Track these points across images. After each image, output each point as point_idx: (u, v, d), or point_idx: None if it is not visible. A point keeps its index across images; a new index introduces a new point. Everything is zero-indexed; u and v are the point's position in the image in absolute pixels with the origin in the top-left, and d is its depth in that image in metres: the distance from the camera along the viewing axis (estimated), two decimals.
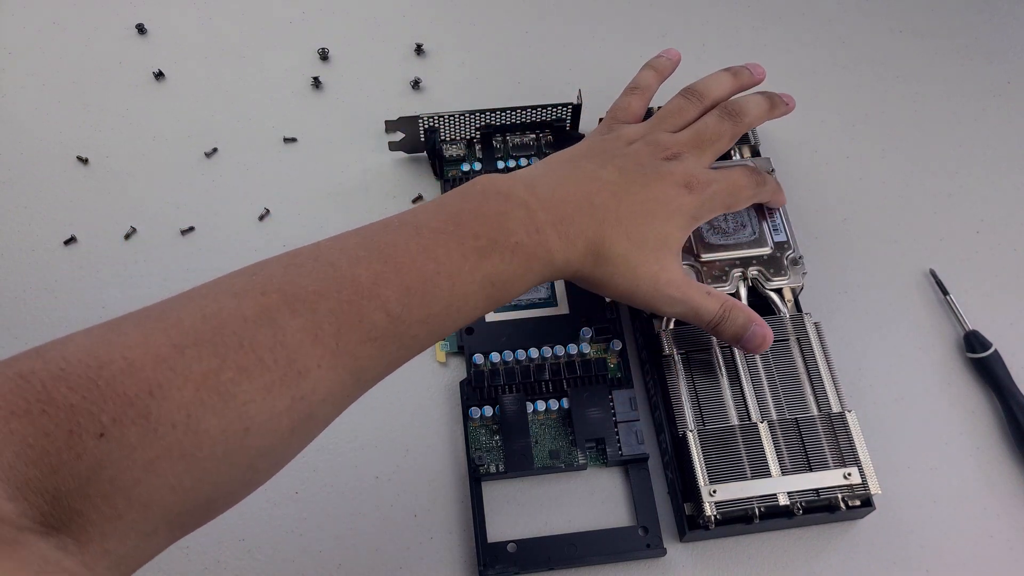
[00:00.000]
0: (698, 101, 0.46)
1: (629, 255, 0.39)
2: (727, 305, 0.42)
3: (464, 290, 0.34)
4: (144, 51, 0.62)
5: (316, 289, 0.31)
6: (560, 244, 0.37)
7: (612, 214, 0.39)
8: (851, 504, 0.43)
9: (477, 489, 0.45)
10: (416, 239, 0.34)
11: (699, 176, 0.42)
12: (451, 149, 0.55)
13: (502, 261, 0.35)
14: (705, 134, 0.44)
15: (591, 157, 0.42)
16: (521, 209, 0.37)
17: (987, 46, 0.63)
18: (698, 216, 0.42)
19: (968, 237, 0.54)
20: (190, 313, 0.30)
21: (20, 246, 0.53)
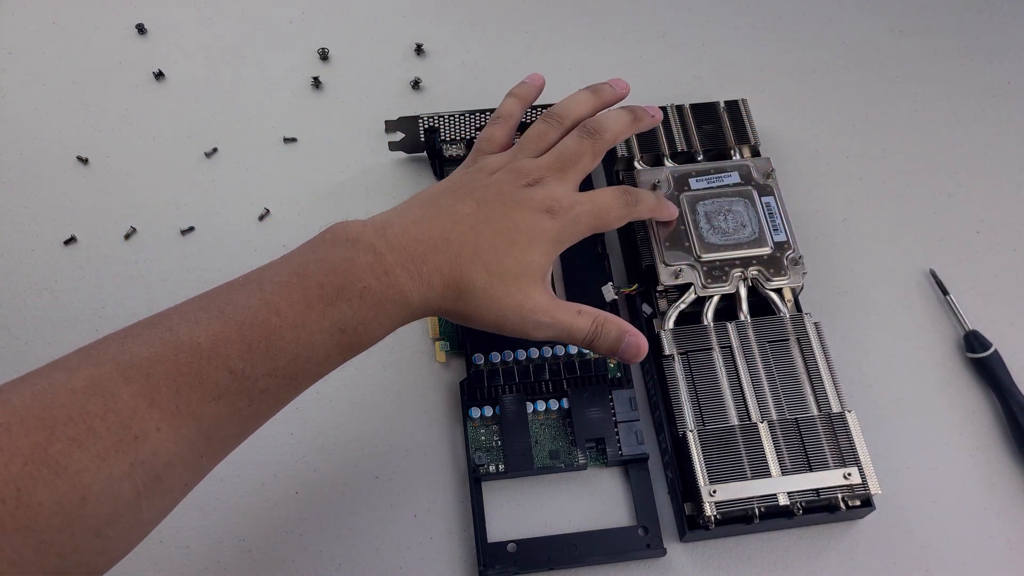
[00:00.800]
0: (558, 124, 0.45)
1: (490, 287, 0.39)
2: (598, 321, 0.41)
3: (310, 340, 0.34)
4: (144, 51, 0.62)
5: (151, 355, 0.32)
6: (413, 284, 0.37)
7: (469, 248, 0.38)
8: (851, 504, 0.43)
9: (477, 489, 0.45)
10: (258, 294, 0.35)
11: (561, 200, 0.41)
12: (451, 149, 0.55)
13: (350, 307, 0.35)
14: (565, 155, 0.43)
15: (451, 192, 0.41)
16: (369, 253, 0.37)
17: (987, 46, 0.63)
18: (561, 240, 0.41)
19: (968, 237, 0.54)
20: (19, 392, 0.30)
21: (20, 246, 0.53)
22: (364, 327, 0.36)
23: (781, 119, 0.59)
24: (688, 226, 0.49)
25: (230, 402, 0.32)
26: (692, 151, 0.53)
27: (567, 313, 0.41)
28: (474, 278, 0.38)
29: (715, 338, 0.46)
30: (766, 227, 0.49)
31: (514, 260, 0.39)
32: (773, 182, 0.51)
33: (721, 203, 0.50)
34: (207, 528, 0.44)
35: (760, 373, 0.45)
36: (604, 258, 0.51)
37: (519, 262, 0.39)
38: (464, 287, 0.38)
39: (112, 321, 0.50)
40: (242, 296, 0.34)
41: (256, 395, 0.33)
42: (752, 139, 0.53)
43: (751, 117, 0.54)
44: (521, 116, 0.47)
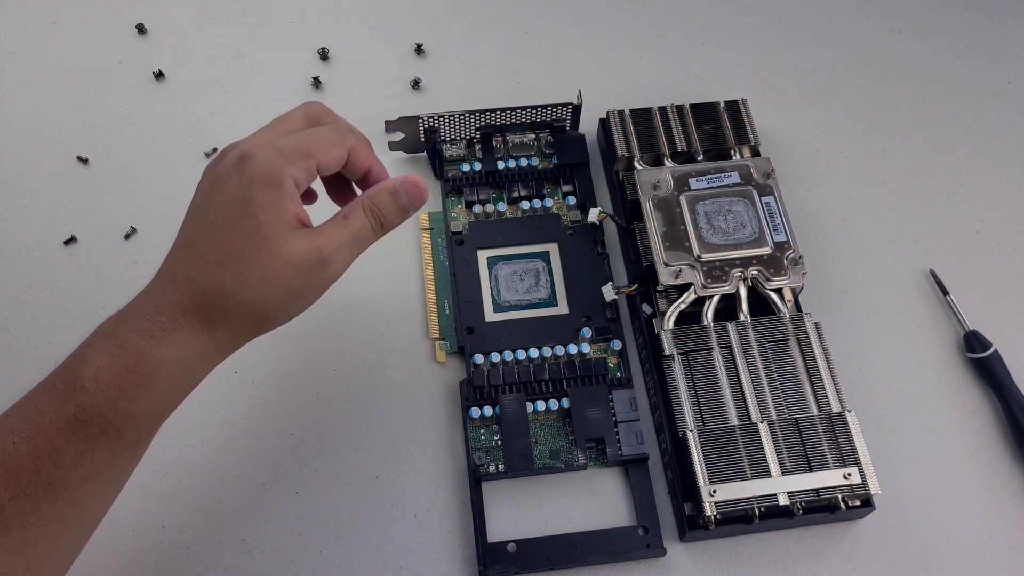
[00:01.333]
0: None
1: (246, 277, 0.34)
2: (366, 204, 0.37)
3: (49, 444, 0.33)
4: (144, 51, 0.62)
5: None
6: (156, 340, 0.34)
7: (196, 266, 0.35)
8: (851, 504, 0.43)
9: (477, 489, 0.45)
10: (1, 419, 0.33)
11: (250, 144, 0.36)
12: (451, 149, 0.55)
13: (85, 395, 0.33)
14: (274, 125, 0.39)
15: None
16: (102, 338, 0.34)
17: (987, 46, 0.63)
18: (275, 177, 0.35)
19: (968, 237, 0.54)
20: None
21: (20, 246, 0.53)
22: (111, 410, 0.33)
23: (781, 119, 0.59)
24: (688, 226, 0.49)
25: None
26: (692, 151, 0.53)
27: (338, 229, 0.36)
28: (222, 285, 0.34)
29: (715, 338, 0.46)
30: (766, 227, 0.49)
31: (242, 236, 0.34)
32: (773, 182, 0.51)
33: (721, 203, 0.50)
34: (207, 528, 0.44)
35: (760, 373, 0.45)
36: (604, 258, 0.51)
37: (247, 233, 0.34)
38: (219, 301, 0.34)
39: None
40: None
41: (11, 521, 0.32)
42: (752, 139, 0.53)
43: (751, 117, 0.54)
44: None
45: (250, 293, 0.34)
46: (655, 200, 0.50)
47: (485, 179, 0.54)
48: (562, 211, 0.53)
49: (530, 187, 0.54)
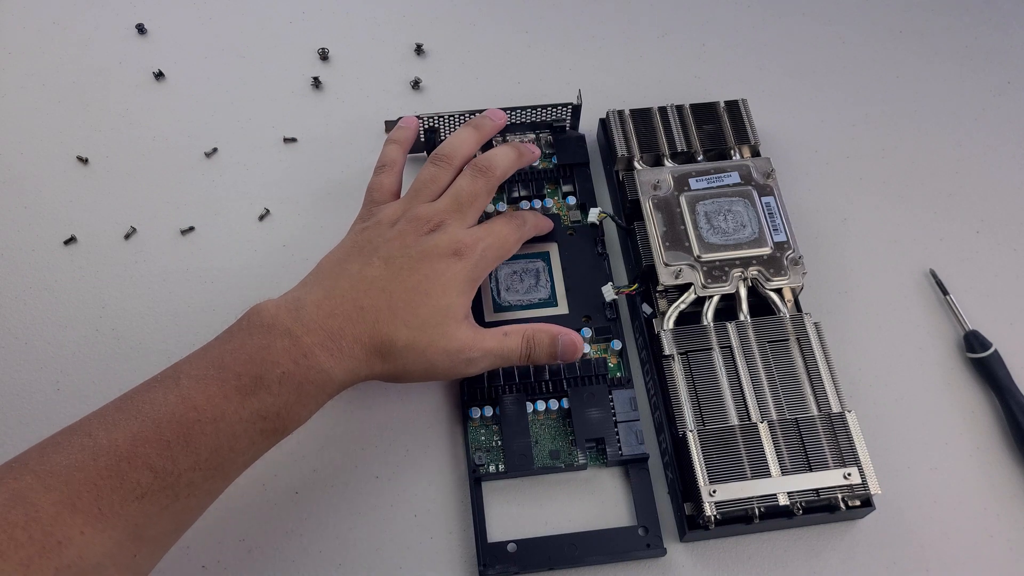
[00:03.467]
0: (448, 165, 0.46)
1: (413, 342, 0.40)
2: (527, 335, 0.43)
3: (231, 431, 0.35)
4: (144, 51, 0.62)
5: (70, 463, 0.33)
6: (335, 361, 0.38)
7: (384, 311, 0.39)
8: (851, 504, 0.43)
9: (477, 489, 0.45)
10: (175, 390, 0.35)
11: (465, 240, 0.42)
12: None
13: (269, 394, 0.36)
14: (462, 196, 0.44)
15: (356, 255, 0.42)
16: (285, 338, 0.37)
17: (987, 46, 0.63)
18: (474, 277, 0.43)
19: (968, 237, 0.54)
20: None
21: (20, 246, 0.53)
22: (287, 411, 0.37)
23: (781, 119, 0.59)
24: (688, 226, 0.49)
25: (155, 500, 0.33)
26: (692, 151, 0.53)
27: (495, 340, 0.42)
28: (395, 338, 0.39)
29: (715, 338, 0.46)
30: (766, 227, 0.49)
31: (430, 309, 0.40)
32: (773, 182, 0.51)
33: (721, 203, 0.50)
34: (207, 528, 0.44)
35: (760, 373, 0.45)
36: (604, 258, 0.51)
37: (436, 310, 0.40)
38: (388, 349, 0.39)
39: (112, 321, 0.50)
40: (159, 394, 0.35)
41: (181, 490, 0.34)
42: (752, 139, 0.53)
43: (751, 117, 0.54)
44: (404, 160, 0.49)
45: (410, 355, 0.40)
46: (655, 200, 0.50)
47: None
48: (562, 211, 0.53)
49: (530, 187, 0.54)
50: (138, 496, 0.33)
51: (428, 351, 0.40)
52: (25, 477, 0.32)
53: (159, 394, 0.35)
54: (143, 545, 0.34)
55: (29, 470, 0.32)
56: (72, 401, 0.48)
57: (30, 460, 0.33)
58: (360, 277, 0.41)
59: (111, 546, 0.32)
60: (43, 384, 0.48)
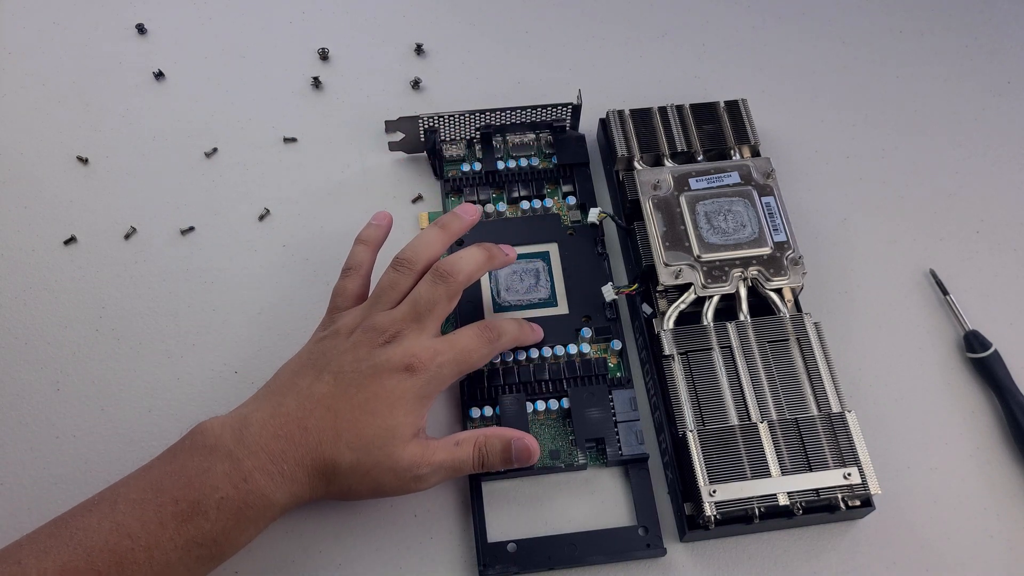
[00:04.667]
0: (409, 270, 0.43)
1: (357, 463, 0.38)
2: (479, 442, 0.41)
3: (166, 559, 0.34)
4: (144, 51, 0.62)
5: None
6: (275, 485, 0.37)
7: (329, 432, 0.38)
8: (851, 504, 0.43)
9: (477, 489, 0.45)
10: (111, 516, 0.35)
11: (420, 355, 0.40)
12: (451, 149, 0.55)
13: (207, 520, 0.35)
14: (420, 304, 0.42)
15: (309, 368, 0.41)
16: (225, 461, 0.36)
17: (987, 46, 0.63)
18: (425, 394, 0.41)
19: (968, 237, 0.54)
20: None
21: (20, 246, 0.53)
22: (224, 537, 0.36)
23: (781, 119, 0.59)
24: (688, 226, 0.49)
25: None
26: (692, 151, 0.53)
27: (445, 451, 0.40)
28: (338, 460, 0.38)
29: (715, 338, 0.46)
30: (766, 227, 0.49)
31: (376, 429, 0.39)
32: (773, 182, 0.51)
33: (721, 203, 0.50)
34: None
35: (760, 373, 0.45)
36: (604, 258, 0.51)
37: (381, 429, 0.39)
38: (331, 471, 0.38)
39: (112, 321, 0.50)
40: (94, 519, 0.35)
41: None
42: (752, 139, 0.53)
43: (751, 117, 0.54)
44: (373, 262, 0.46)
45: (355, 477, 0.39)
46: (655, 200, 0.50)
47: (485, 179, 0.54)
48: (562, 211, 0.53)
49: (530, 187, 0.54)
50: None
51: (373, 472, 0.39)
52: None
53: (94, 519, 0.35)
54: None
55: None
56: (72, 401, 0.48)
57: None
58: (308, 394, 0.39)
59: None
60: (43, 384, 0.48)
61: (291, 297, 0.51)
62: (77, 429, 0.47)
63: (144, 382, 0.48)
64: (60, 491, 0.45)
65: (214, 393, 0.48)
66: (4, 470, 0.46)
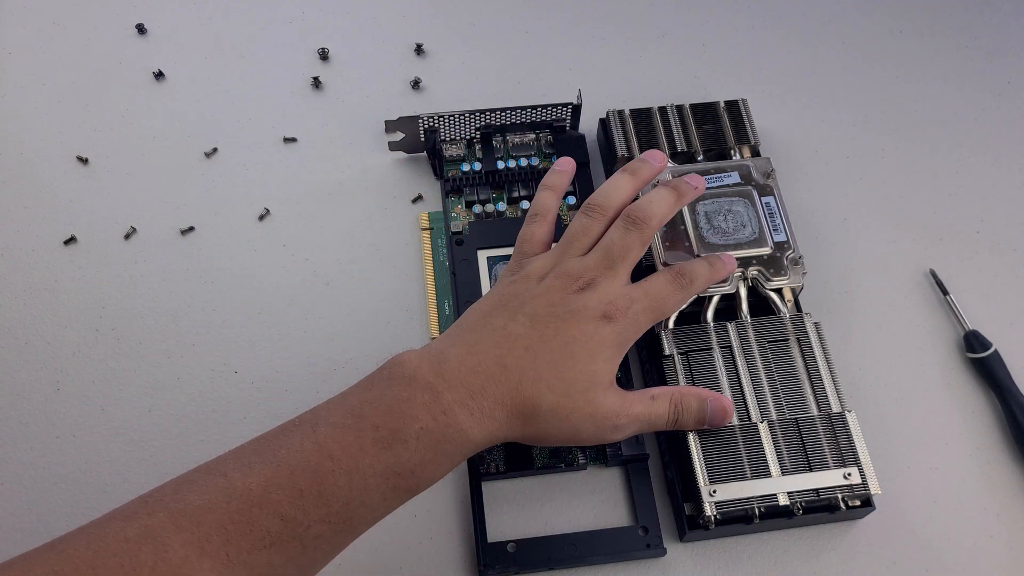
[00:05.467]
0: (601, 215, 0.43)
1: (557, 406, 0.38)
2: (675, 399, 0.41)
3: (364, 484, 0.34)
4: (144, 51, 0.62)
5: (203, 503, 0.32)
6: (474, 421, 0.36)
7: (529, 372, 0.37)
8: (851, 504, 0.43)
9: (477, 489, 0.45)
10: (312, 436, 0.35)
11: (617, 302, 0.40)
12: (451, 149, 0.55)
13: (406, 449, 0.35)
14: (613, 251, 0.41)
15: (501, 309, 0.40)
16: (426, 392, 0.36)
17: (987, 46, 0.63)
18: (624, 342, 0.40)
19: (968, 237, 0.54)
20: (75, 540, 0.31)
21: (20, 246, 0.53)
22: (421, 468, 0.35)
23: (781, 119, 0.59)
24: (688, 226, 0.49)
25: (282, 550, 0.32)
26: (692, 151, 0.53)
27: (642, 405, 0.40)
28: (539, 401, 0.37)
29: (715, 338, 0.46)
30: (766, 227, 0.49)
31: (577, 373, 0.38)
32: (773, 182, 0.51)
33: (721, 203, 0.50)
34: None
35: (760, 373, 0.45)
36: None
37: (583, 374, 0.38)
38: (530, 412, 0.37)
39: (112, 321, 0.50)
40: (295, 439, 0.35)
41: (309, 541, 0.33)
42: (752, 139, 0.53)
43: (751, 117, 0.54)
44: (557, 208, 0.46)
45: (554, 420, 0.38)
46: None
47: (485, 179, 0.54)
48: (562, 211, 0.53)
49: (530, 187, 0.54)
50: (266, 545, 0.32)
51: (573, 416, 0.38)
52: (158, 514, 0.31)
53: (296, 439, 0.35)
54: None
55: (163, 507, 0.32)
56: (72, 401, 0.48)
57: (165, 496, 0.33)
58: (504, 333, 0.39)
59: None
60: (43, 384, 0.48)
61: (291, 297, 0.51)
62: (77, 429, 0.47)
63: (144, 382, 0.48)
64: (60, 491, 0.45)
65: (214, 393, 0.48)
66: (4, 470, 0.46)
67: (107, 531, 0.31)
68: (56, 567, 0.29)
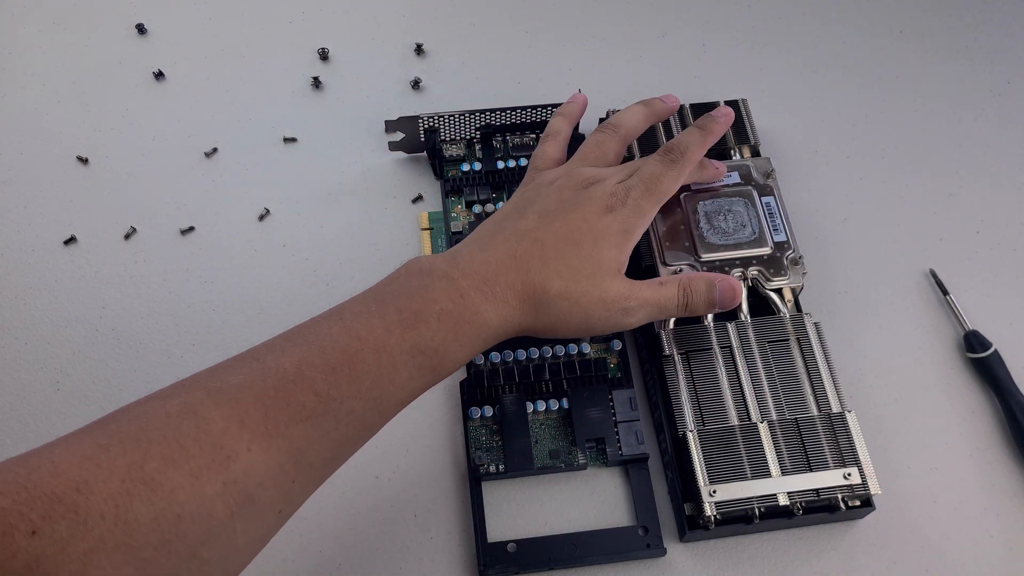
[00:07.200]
0: (614, 132, 0.46)
1: (566, 291, 0.40)
2: (683, 283, 0.43)
3: (392, 361, 0.36)
4: (144, 51, 0.62)
5: (240, 382, 0.33)
6: (489, 304, 0.38)
7: (537, 260, 0.40)
8: (851, 504, 0.43)
9: (477, 489, 0.45)
10: (339, 323, 0.36)
11: (616, 192, 0.42)
12: (451, 149, 0.55)
13: (428, 329, 0.36)
14: (644, 174, 0.44)
15: (513, 211, 0.43)
16: (442, 280, 0.38)
17: (987, 46, 0.63)
18: (628, 228, 0.42)
19: (968, 237, 0.54)
20: (117, 419, 0.31)
21: (20, 246, 0.53)
22: (444, 348, 0.37)
23: (781, 119, 0.59)
24: (688, 226, 0.49)
25: (317, 423, 0.33)
26: None
27: (651, 290, 0.42)
28: (548, 286, 0.39)
29: (715, 338, 0.46)
30: (766, 227, 0.49)
31: (583, 259, 0.40)
32: (773, 182, 0.51)
33: (721, 203, 0.50)
34: None
35: (760, 373, 0.45)
36: None
37: (588, 260, 0.40)
38: (540, 297, 0.39)
39: (112, 321, 0.50)
40: (324, 325, 0.36)
41: (343, 417, 0.34)
42: (752, 139, 0.53)
43: (751, 117, 0.54)
44: (570, 133, 0.49)
45: (564, 304, 0.40)
46: None
47: (485, 179, 0.54)
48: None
49: None
50: (302, 418, 0.33)
51: (582, 300, 0.40)
52: (196, 392, 0.32)
53: (324, 325, 0.36)
54: (301, 471, 0.34)
55: (200, 386, 0.33)
56: (72, 401, 0.48)
57: (201, 378, 0.34)
58: (514, 230, 0.41)
59: (273, 467, 0.32)
60: (43, 384, 0.48)
61: (291, 297, 0.51)
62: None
63: (144, 382, 0.48)
64: None
65: None
66: None
67: (149, 408, 0.32)
68: (102, 441, 0.30)
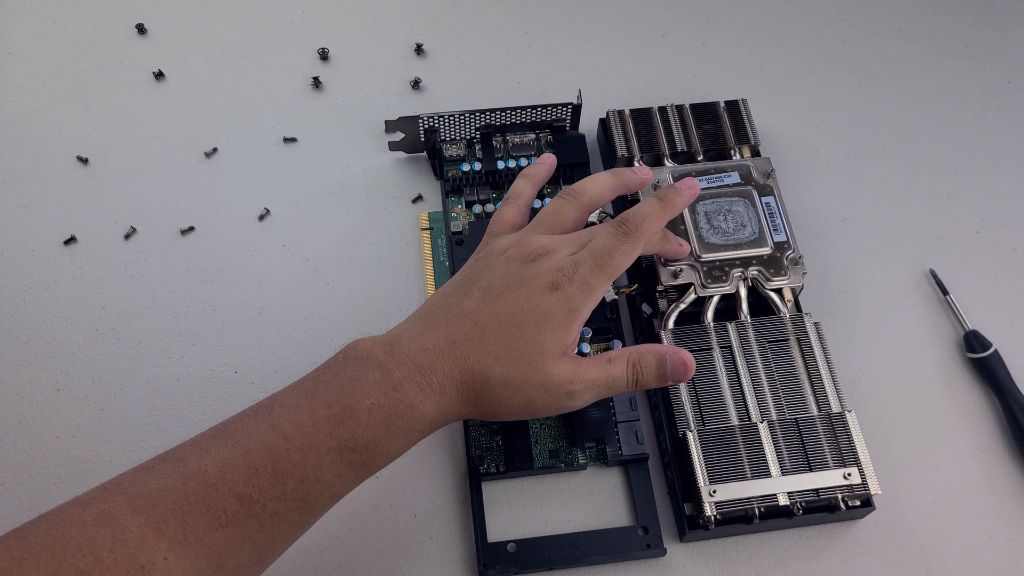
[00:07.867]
0: (573, 199, 0.43)
1: (508, 378, 0.38)
2: (632, 359, 0.40)
3: (319, 460, 0.35)
4: (144, 51, 0.62)
5: (159, 486, 0.33)
6: (425, 396, 0.37)
7: (476, 346, 0.38)
8: (851, 504, 0.43)
9: (477, 489, 0.45)
10: (267, 419, 0.35)
11: (563, 267, 0.39)
12: (451, 149, 0.55)
13: (358, 425, 0.35)
14: (595, 250, 0.40)
15: (460, 286, 0.41)
16: (376, 371, 0.37)
17: (987, 46, 0.63)
18: (574, 309, 0.39)
19: (968, 237, 0.54)
20: (34, 528, 0.31)
21: (20, 246, 0.53)
22: (375, 443, 0.36)
23: (781, 119, 0.59)
24: (688, 226, 0.49)
25: (239, 527, 0.33)
26: (692, 151, 0.53)
27: (598, 369, 0.39)
28: (487, 374, 0.38)
29: (715, 338, 0.46)
30: (766, 227, 0.49)
31: (524, 344, 0.38)
32: (773, 182, 0.51)
33: (721, 203, 0.50)
34: None
35: (760, 373, 0.45)
36: None
37: (530, 344, 0.38)
38: (480, 385, 0.38)
39: (112, 321, 0.50)
40: (251, 422, 0.35)
41: (266, 519, 0.34)
42: (752, 139, 0.53)
43: (751, 117, 0.54)
44: (533, 196, 0.47)
45: (504, 392, 0.38)
46: None
47: (485, 179, 0.54)
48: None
49: None
50: (223, 523, 0.33)
51: (523, 386, 0.38)
52: (116, 498, 0.32)
53: (252, 422, 0.35)
54: (223, 575, 0.33)
55: (121, 491, 0.32)
56: (72, 401, 0.48)
57: (123, 482, 0.33)
58: (457, 310, 0.39)
59: (192, 573, 0.32)
60: (43, 384, 0.48)
61: (291, 297, 0.51)
62: (77, 429, 0.47)
63: (144, 382, 0.48)
64: (60, 491, 0.45)
65: (214, 393, 0.48)
66: (4, 470, 0.46)
67: (65, 516, 0.32)
68: (16, 554, 0.30)
